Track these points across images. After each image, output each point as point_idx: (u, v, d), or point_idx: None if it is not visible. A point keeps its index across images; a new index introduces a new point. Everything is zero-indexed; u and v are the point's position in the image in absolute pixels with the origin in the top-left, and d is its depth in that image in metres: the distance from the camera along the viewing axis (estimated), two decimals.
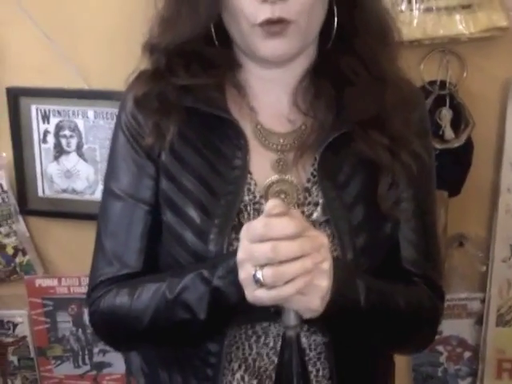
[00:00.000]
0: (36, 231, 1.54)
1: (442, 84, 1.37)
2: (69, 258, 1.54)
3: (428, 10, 1.31)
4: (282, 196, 0.90)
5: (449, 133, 1.39)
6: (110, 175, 0.97)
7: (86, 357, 1.59)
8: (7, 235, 1.53)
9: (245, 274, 0.76)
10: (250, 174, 0.91)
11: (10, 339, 1.60)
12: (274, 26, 0.85)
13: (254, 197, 0.90)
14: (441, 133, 1.38)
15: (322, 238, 0.77)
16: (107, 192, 0.97)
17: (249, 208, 0.89)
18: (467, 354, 1.54)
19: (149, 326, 0.88)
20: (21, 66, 1.42)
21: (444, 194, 1.40)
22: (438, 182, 1.33)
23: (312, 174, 0.92)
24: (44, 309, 1.56)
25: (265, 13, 0.84)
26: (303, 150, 0.91)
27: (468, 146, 1.41)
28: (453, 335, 1.53)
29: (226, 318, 0.86)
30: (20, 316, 1.59)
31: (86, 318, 1.55)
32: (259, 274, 0.73)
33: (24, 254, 1.54)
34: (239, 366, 0.91)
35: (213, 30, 0.91)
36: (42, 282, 1.54)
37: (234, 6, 0.86)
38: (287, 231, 0.73)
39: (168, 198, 0.91)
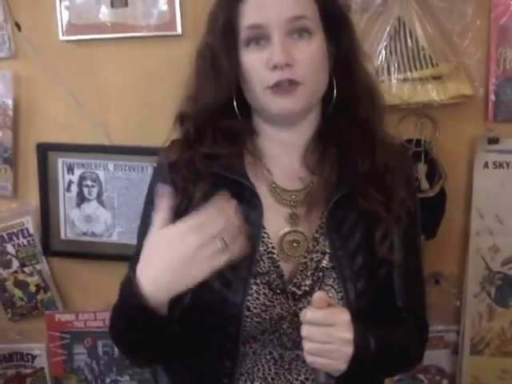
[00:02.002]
0: (57, 270, 1.67)
1: (418, 142, 1.51)
2: (86, 295, 1.67)
3: (405, 80, 1.46)
4: (295, 244, 1.04)
5: (424, 184, 1.52)
6: (144, 226, 1.08)
7: None
8: (30, 274, 1.66)
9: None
10: (264, 228, 1.04)
11: (28, 370, 1.71)
12: (283, 87, 1.00)
13: (268, 247, 1.04)
14: (417, 184, 1.50)
15: (346, 315, 0.95)
16: (140, 241, 1.06)
17: (263, 257, 1.03)
18: (445, 382, 1.63)
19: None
20: (50, 124, 1.58)
21: (421, 237, 1.49)
22: None
23: (320, 225, 1.05)
24: (61, 341, 1.67)
25: (275, 77, 1.00)
26: (312, 205, 1.05)
27: (441, 196, 1.53)
28: (432, 364, 1.61)
29: None
30: (39, 349, 1.70)
31: (100, 349, 1.68)
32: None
33: (45, 291, 1.67)
34: None
35: (235, 103, 1.06)
36: (61, 316, 1.66)
37: (249, 74, 1.02)
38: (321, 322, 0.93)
39: None
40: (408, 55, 1.47)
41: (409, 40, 1.46)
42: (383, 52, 1.46)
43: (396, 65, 1.47)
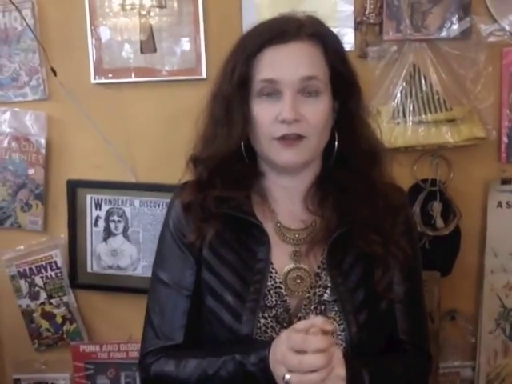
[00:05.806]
0: (83, 302, 1.72)
1: (433, 182, 1.56)
2: (110, 327, 1.72)
3: (420, 122, 1.52)
4: (298, 281, 1.11)
5: (439, 222, 1.57)
6: (159, 265, 1.17)
7: None
8: (57, 306, 1.72)
9: (278, 371, 0.98)
10: (272, 264, 1.11)
11: None
12: (289, 140, 1.06)
13: (275, 282, 1.10)
14: (433, 222, 1.56)
15: (338, 352, 0.98)
16: (156, 278, 1.17)
17: (271, 292, 1.10)
18: None
19: None
20: (80, 162, 1.65)
21: (437, 275, 1.56)
22: (431, 263, 1.51)
23: (321, 262, 1.11)
24: (86, 372, 1.72)
25: (282, 130, 1.07)
26: (314, 244, 1.11)
27: (456, 234, 1.58)
28: None
29: None
30: (63, 379, 1.74)
31: (123, 380, 1.72)
32: (287, 377, 0.96)
33: (71, 322, 1.72)
34: None
35: (243, 149, 1.12)
36: (86, 347, 1.71)
37: (258, 124, 1.09)
38: (318, 347, 0.94)
39: (209, 286, 1.12)
40: (423, 99, 1.53)
41: (423, 85, 1.52)
42: (399, 96, 1.53)
43: (411, 108, 1.53)
